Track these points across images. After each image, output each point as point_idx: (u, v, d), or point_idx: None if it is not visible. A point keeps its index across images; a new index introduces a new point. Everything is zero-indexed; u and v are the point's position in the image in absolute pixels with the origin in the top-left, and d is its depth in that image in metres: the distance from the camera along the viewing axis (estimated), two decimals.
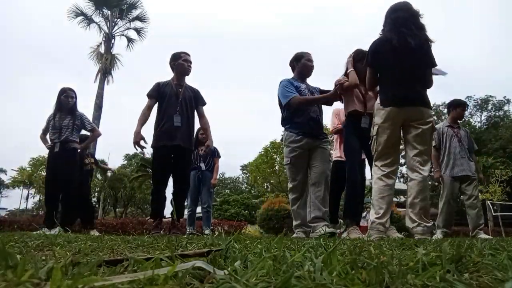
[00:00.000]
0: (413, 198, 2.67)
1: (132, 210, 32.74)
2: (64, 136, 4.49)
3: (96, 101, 17.71)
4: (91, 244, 1.23)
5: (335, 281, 0.46)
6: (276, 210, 12.01)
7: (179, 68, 3.78)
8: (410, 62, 2.75)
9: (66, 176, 4.48)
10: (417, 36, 2.73)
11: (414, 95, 2.75)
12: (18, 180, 33.11)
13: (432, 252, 0.74)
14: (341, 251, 0.89)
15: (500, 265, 0.59)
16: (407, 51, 2.72)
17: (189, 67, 3.83)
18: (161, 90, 3.71)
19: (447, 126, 4.73)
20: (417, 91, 2.78)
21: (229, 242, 0.87)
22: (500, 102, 27.32)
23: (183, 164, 3.70)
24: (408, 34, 2.72)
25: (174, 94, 3.70)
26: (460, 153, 4.53)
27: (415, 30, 2.74)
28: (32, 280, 0.41)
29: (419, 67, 2.79)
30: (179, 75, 3.80)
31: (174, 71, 3.82)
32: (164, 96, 3.68)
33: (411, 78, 2.78)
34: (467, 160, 4.52)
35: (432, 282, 0.46)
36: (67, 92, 4.60)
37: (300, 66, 3.65)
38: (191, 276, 0.51)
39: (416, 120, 2.74)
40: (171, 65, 3.82)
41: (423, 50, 2.74)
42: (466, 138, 4.68)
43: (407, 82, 2.77)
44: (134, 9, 19.62)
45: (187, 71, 3.83)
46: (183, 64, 3.78)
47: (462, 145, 4.57)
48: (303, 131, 3.38)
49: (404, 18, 2.76)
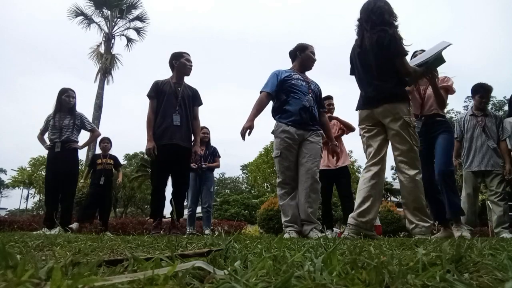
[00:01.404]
0: (405, 200, 2.66)
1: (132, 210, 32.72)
2: (65, 136, 4.49)
3: (96, 101, 17.72)
4: (91, 244, 1.23)
5: (335, 281, 0.46)
6: (276, 210, 11.98)
7: (181, 67, 3.74)
8: (370, 61, 2.74)
9: (66, 176, 4.48)
10: (374, 33, 2.70)
11: (377, 95, 2.72)
12: (18, 180, 33.10)
13: (432, 252, 0.74)
14: (341, 251, 0.89)
15: (500, 265, 0.59)
16: (365, 51, 2.75)
17: (190, 68, 3.80)
18: (160, 88, 3.67)
19: (470, 115, 4.25)
20: (380, 90, 2.72)
21: (229, 242, 0.87)
22: (500, 102, 27.30)
23: (182, 164, 3.68)
24: (366, 36, 2.74)
25: (173, 93, 3.66)
26: (482, 144, 4.05)
27: (374, 28, 2.71)
28: (32, 280, 0.41)
29: (384, 63, 2.71)
30: (180, 74, 3.77)
31: (174, 70, 3.77)
32: (163, 94, 3.64)
33: (373, 77, 2.75)
34: (491, 153, 4.03)
35: (432, 282, 0.46)
36: (68, 92, 4.61)
37: (303, 57, 3.49)
38: (191, 276, 0.51)
39: (386, 119, 2.70)
40: (172, 63, 3.77)
41: (383, 45, 2.66)
42: (495, 127, 4.13)
43: (369, 83, 2.78)
44: (134, 9, 19.63)
45: (188, 71, 3.80)
46: (185, 64, 3.74)
47: (487, 136, 4.07)
48: (293, 121, 3.19)
49: (362, 20, 2.80)
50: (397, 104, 2.67)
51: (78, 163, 4.82)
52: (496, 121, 4.20)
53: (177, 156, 3.59)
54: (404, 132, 2.64)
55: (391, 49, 2.65)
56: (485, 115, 4.21)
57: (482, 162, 4.03)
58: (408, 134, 2.65)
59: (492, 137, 4.08)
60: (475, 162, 4.07)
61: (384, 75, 2.72)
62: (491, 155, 4.03)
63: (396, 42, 2.66)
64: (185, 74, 3.80)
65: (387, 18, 2.73)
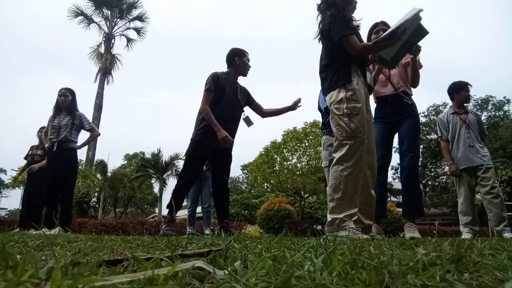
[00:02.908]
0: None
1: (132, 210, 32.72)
2: (62, 136, 4.49)
3: (96, 101, 17.73)
4: (91, 244, 1.23)
5: (335, 281, 0.46)
6: (276, 210, 12.00)
7: (243, 66, 3.56)
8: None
9: (65, 176, 4.48)
10: (321, 21, 2.65)
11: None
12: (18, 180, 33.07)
13: (432, 252, 0.74)
14: (341, 251, 0.89)
15: (500, 265, 0.59)
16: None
17: (249, 69, 3.64)
18: (221, 84, 3.43)
19: (452, 114, 4.21)
20: (321, 80, 2.68)
21: (229, 242, 0.87)
22: (500, 102, 27.28)
23: (223, 163, 3.53)
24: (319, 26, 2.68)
25: (233, 93, 3.49)
26: (468, 142, 4.01)
27: (323, 16, 2.65)
28: (32, 280, 0.41)
29: (324, 50, 2.63)
30: (239, 73, 3.60)
31: (233, 67, 3.55)
32: (223, 91, 3.42)
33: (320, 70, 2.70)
34: (478, 148, 3.97)
35: (432, 282, 0.46)
36: (62, 91, 4.62)
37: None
38: (191, 276, 0.51)
39: None
40: (234, 59, 3.54)
41: (323, 32, 2.57)
42: (476, 123, 4.13)
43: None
44: (134, 9, 19.65)
45: (247, 73, 3.64)
46: (247, 64, 3.59)
47: (472, 132, 4.04)
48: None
49: (319, 7, 2.72)
50: (328, 93, 2.58)
51: (76, 163, 4.81)
52: (476, 118, 4.19)
53: (217, 157, 3.47)
54: (334, 120, 2.52)
55: (330, 30, 2.49)
56: (466, 112, 4.18)
57: (468, 159, 3.97)
58: (336, 123, 2.49)
59: (476, 133, 4.05)
60: (465, 160, 3.99)
61: (326, 60, 2.62)
62: (478, 150, 3.97)
63: (334, 22, 2.49)
64: (244, 74, 3.64)
65: (333, 0, 2.55)
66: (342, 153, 2.41)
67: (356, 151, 2.40)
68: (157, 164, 24.86)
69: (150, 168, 25.48)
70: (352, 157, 2.38)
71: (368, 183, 2.62)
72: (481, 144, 4.03)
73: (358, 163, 2.39)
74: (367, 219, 2.58)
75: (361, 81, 2.57)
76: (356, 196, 2.38)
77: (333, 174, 2.42)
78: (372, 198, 2.64)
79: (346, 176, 2.35)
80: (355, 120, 2.41)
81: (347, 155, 2.39)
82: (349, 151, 2.39)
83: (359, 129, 2.41)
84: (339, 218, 2.30)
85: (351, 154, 2.39)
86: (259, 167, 13.02)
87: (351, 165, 2.37)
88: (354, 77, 2.50)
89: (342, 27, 2.46)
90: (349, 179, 2.35)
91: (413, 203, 3.25)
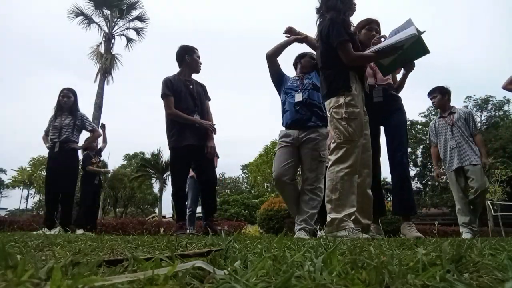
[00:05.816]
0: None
1: (132, 210, 32.74)
2: (64, 136, 4.50)
3: (96, 101, 17.70)
4: (91, 244, 1.23)
5: (335, 281, 0.46)
6: (276, 210, 12.00)
7: (193, 64, 3.58)
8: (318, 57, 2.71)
9: (65, 176, 4.48)
10: (319, 24, 2.66)
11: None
12: (18, 180, 33.14)
13: (432, 252, 0.74)
14: (341, 251, 0.89)
15: (500, 265, 0.59)
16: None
17: (201, 65, 3.65)
18: (174, 87, 3.45)
19: (439, 118, 4.30)
20: (320, 83, 2.71)
21: (229, 242, 0.87)
22: (500, 102, 27.28)
23: (204, 161, 3.52)
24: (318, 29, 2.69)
25: (188, 92, 3.51)
26: (451, 143, 4.07)
27: (322, 19, 2.65)
28: (32, 280, 0.41)
29: (322, 53, 2.64)
30: (191, 71, 3.61)
31: (183, 65, 3.57)
32: (178, 93, 3.44)
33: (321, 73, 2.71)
34: (465, 148, 4.00)
35: (432, 282, 0.46)
36: (64, 92, 4.63)
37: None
38: (191, 276, 0.51)
39: None
40: (182, 57, 3.55)
41: (322, 35, 2.57)
42: (463, 121, 4.13)
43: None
44: (134, 9, 19.63)
45: (199, 69, 3.64)
46: (197, 61, 3.60)
47: (457, 132, 4.07)
48: (288, 121, 3.14)
49: (318, 10, 2.72)
50: (326, 100, 2.61)
51: (77, 163, 4.81)
52: (465, 116, 4.20)
53: (198, 155, 3.47)
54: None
55: (332, 35, 2.49)
56: (452, 113, 4.22)
57: (454, 160, 4.05)
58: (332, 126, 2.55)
59: (464, 133, 4.08)
60: (453, 161, 4.07)
61: (324, 66, 2.64)
62: (465, 150, 4.01)
63: (333, 27, 2.49)
64: (196, 71, 3.64)
65: (333, 3, 2.55)
66: (338, 156, 2.46)
67: (352, 153, 2.45)
68: (157, 164, 24.89)
69: (150, 168, 25.51)
70: (348, 159, 2.44)
71: (365, 183, 2.66)
72: (469, 141, 4.04)
73: (354, 165, 2.44)
74: (365, 219, 2.60)
75: (359, 87, 2.61)
76: (353, 196, 2.41)
77: (330, 175, 2.46)
78: (369, 198, 2.68)
79: (342, 177, 2.40)
80: (353, 124, 2.46)
81: (343, 157, 2.45)
82: (345, 154, 2.45)
83: (356, 133, 2.46)
84: (339, 218, 2.32)
85: (347, 156, 2.45)
86: (259, 167, 13.04)
87: (346, 166, 2.42)
88: (352, 83, 2.54)
89: (342, 32, 2.48)
90: (345, 180, 2.39)
91: (408, 201, 3.19)
